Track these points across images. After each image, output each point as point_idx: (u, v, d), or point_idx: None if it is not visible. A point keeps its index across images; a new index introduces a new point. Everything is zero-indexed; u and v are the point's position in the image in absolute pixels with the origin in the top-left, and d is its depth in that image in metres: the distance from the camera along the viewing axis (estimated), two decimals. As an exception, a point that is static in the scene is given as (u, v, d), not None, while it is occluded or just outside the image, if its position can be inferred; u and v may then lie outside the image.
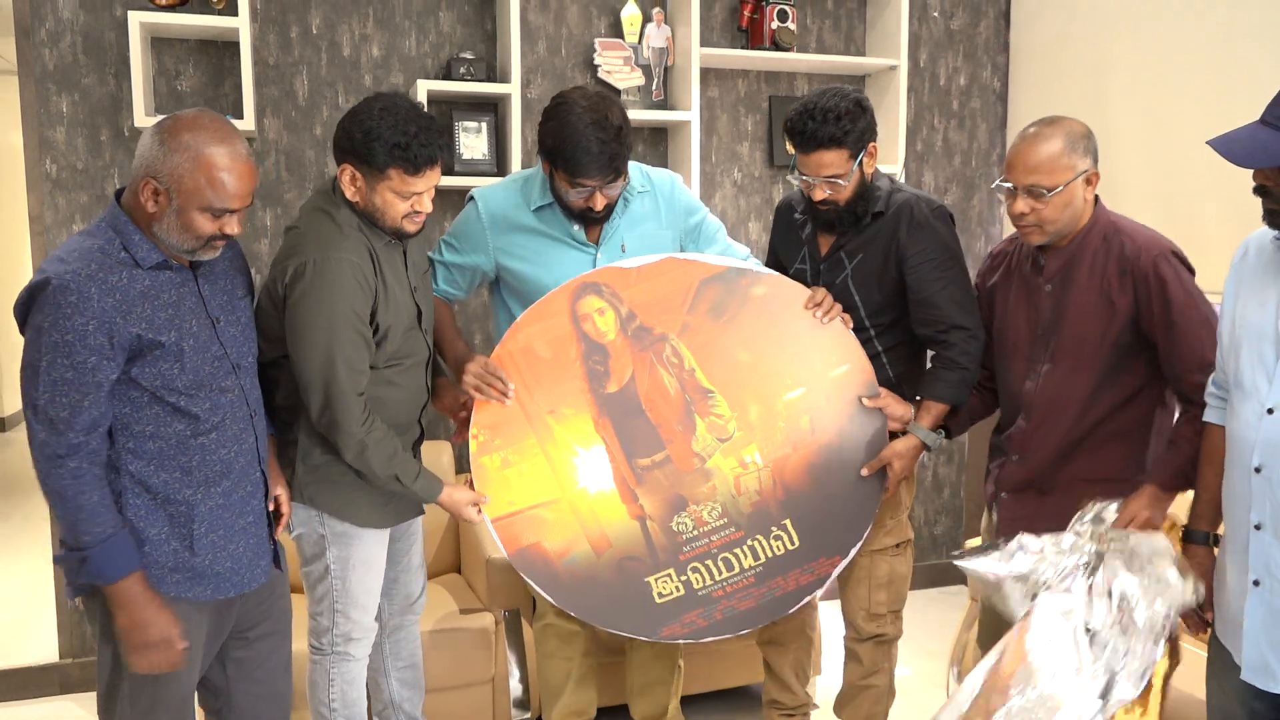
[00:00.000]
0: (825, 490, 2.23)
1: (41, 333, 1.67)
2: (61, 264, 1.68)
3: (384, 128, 1.96)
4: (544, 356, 2.18)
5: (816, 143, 2.17)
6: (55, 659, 3.23)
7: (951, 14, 4.00)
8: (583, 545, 2.20)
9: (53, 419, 1.67)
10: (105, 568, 1.72)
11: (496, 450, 2.19)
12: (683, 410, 2.20)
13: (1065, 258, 2.11)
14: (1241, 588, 1.65)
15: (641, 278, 2.19)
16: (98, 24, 3.07)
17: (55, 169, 3.09)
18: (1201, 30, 3.21)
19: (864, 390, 2.23)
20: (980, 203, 4.12)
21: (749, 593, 2.23)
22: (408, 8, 3.36)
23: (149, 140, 1.72)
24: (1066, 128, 2.05)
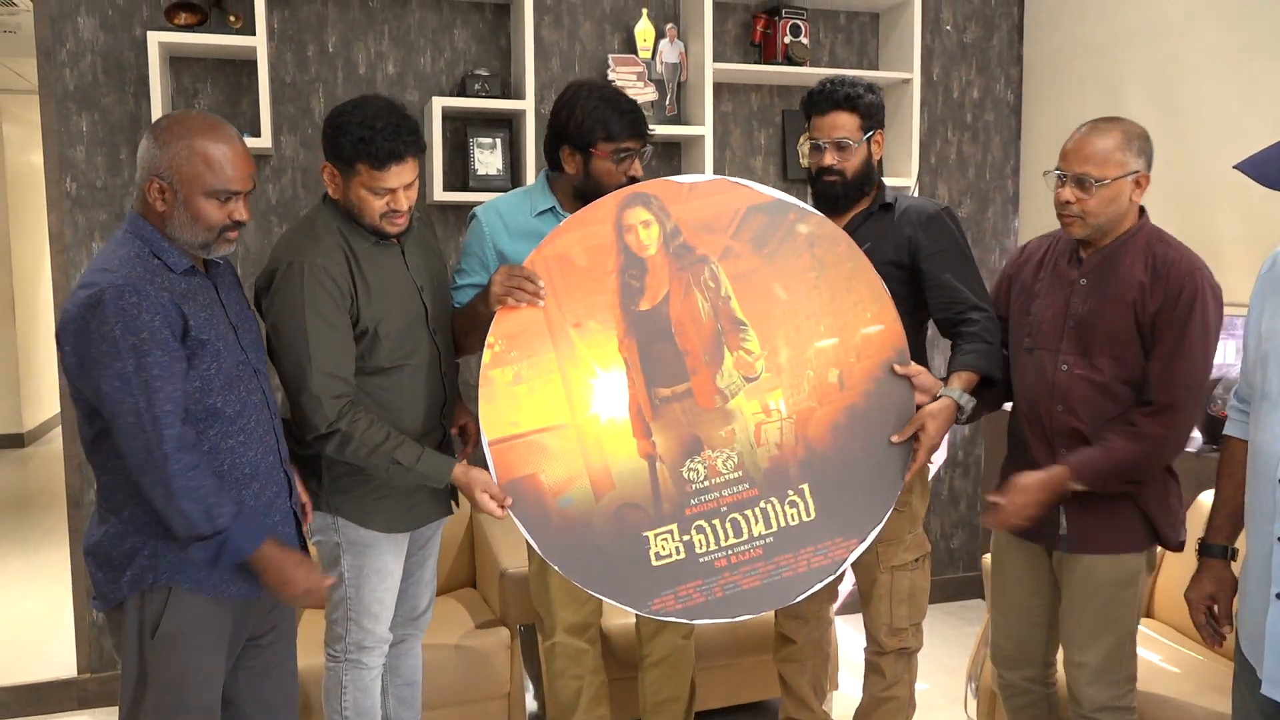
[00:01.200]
0: (848, 456, 2.10)
1: (117, 340, 1.68)
2: (109, 273, 1.72)
3: (352, 123, 2.00)
4: (579, 265, 2.07)
5: (832, 103, 2.27)
6: (74, 674, 3.24)
7: (964, 27, 4.01)
8: (583, 483, 2.03)
9: (157, 418, 1.70)
10: (245, 542, 1.80)
11: (511, 363, 2.03)
12: (712, 339, 2.09)
13: (1105, 255, 2.09)
14: (1263, 601, 1.64)
15: (693, 195, 2.10)
16: (117, 44, 3.11)
17: (75, 187, 3.12)
18: (1216, 43, 3.20)
19: (894, 355, 2.12)
20: (995, 215, 4.11)
21: (755, 567, 2.06)
22: (423, 25, 3.38)
23: (145, 144, 1.79)
24: (1125, 126, 2.05)
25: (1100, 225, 2.06)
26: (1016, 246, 4.12)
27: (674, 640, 2.46)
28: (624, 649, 2.77)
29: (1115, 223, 2.07)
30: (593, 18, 3.55)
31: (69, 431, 3.18)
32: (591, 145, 2.16)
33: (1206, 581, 1.93)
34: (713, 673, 2.93)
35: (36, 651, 3.59)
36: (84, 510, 3.18)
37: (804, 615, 2.52)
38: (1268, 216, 3.05)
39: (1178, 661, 2.53)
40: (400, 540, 2.23)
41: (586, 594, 2.34)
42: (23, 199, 7.73)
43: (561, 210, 2.27)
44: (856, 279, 2.13)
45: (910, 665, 2.47)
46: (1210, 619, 1.93)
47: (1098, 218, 2.05)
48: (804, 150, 2.36)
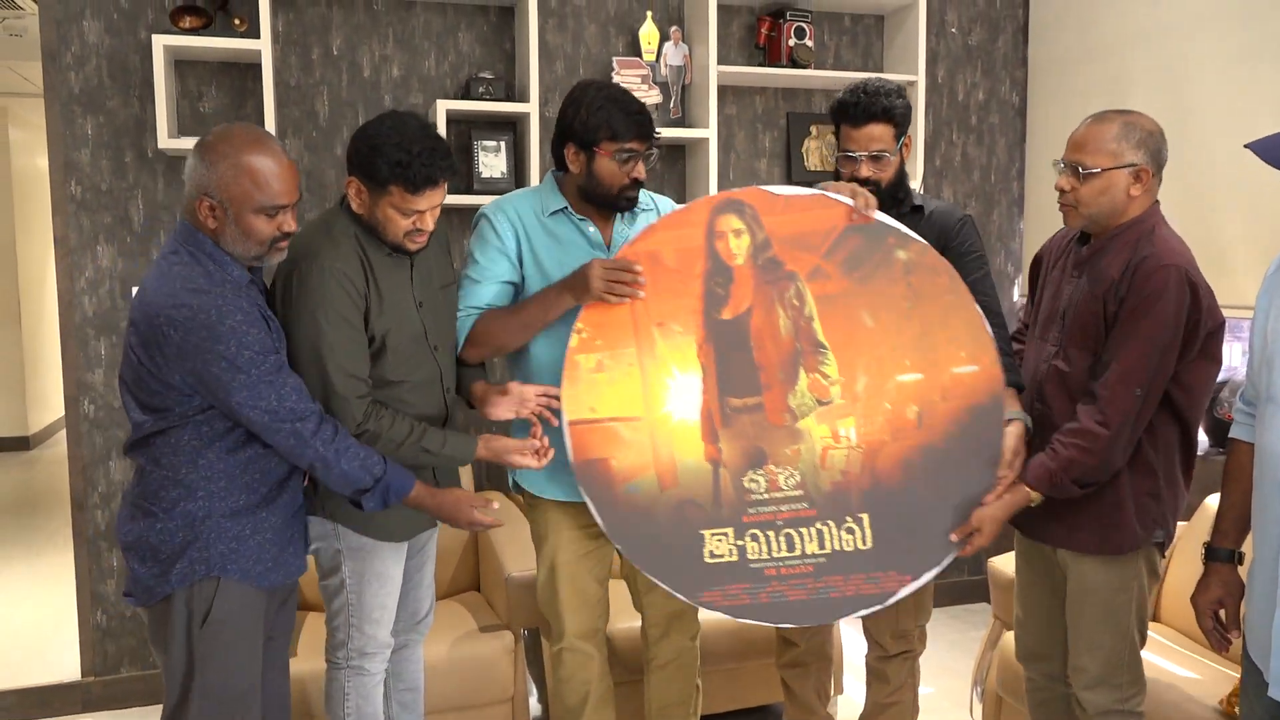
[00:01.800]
0: (916, 496, 2.04)
1: (235, 359, 1.80)
2: (204, 295, 1.80)
3: (389, 145, 1.99)
4: (668, 265, 2.07)
5: (869, 115, 2.23)
6: (78, 677, 3.24)
7: (969, 30, 4.00)
8: (649, 474, 2.08)
9: (292, 408, 1.87)
10: (402, 483, 2.01)
11: (595, 351, 2.09)
12: (789, 358, 2.05)
13: (1097, 249, 2.07)
14: (1270, 604, 1.63)
15: (789, 208, 2.04)
16: (122, 48, 3.12)
17: (80, 191, 3.13)
18: (1222, 46, 3.19)
19: (987, 401, 2.01)
20: (1000, 217, 4.10)
21: (803, 583, 2.07)
22: (427, 29, 3.39)
23: (193, 162, 1.84)
24: (1129, 118, 2.01)
25: (1094, 215, 2.03)
26: (1021, 250, 4.11)
27: (681, 642, 2.45)
28: (628, 654, 2.76)
29: (1111, 215, 2.03)
30: (597, 20, 3.55)
31: (74, 434, 3.18)
32: (595, 144, 2.14)
33: (1213, 586, 1.91)
34: (716, 676, 2.92)
35: (40, 654, 3.59)
36: (88, 513, 3.18)
37: None
38: (1274, 218, 3.04)
39: (1185, 666, 2.52)
40: (399, 545, 2.23)
41: (595, 599, 2.36)
42: (28, 202, 7.75)
43: (573, 211, 2.25)
44: (954, 314, 2.02)
45: (914, 670, 2.46)
46: (1217, 624, 1.91)
47: (1089, 207, 2.02)
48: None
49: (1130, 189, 2.00)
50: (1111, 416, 1.96)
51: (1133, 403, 1.96)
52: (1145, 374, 1.95)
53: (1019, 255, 4.11)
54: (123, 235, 3.16)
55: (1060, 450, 2.00)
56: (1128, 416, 1.96)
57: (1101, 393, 1.97)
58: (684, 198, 3.64)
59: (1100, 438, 1.96)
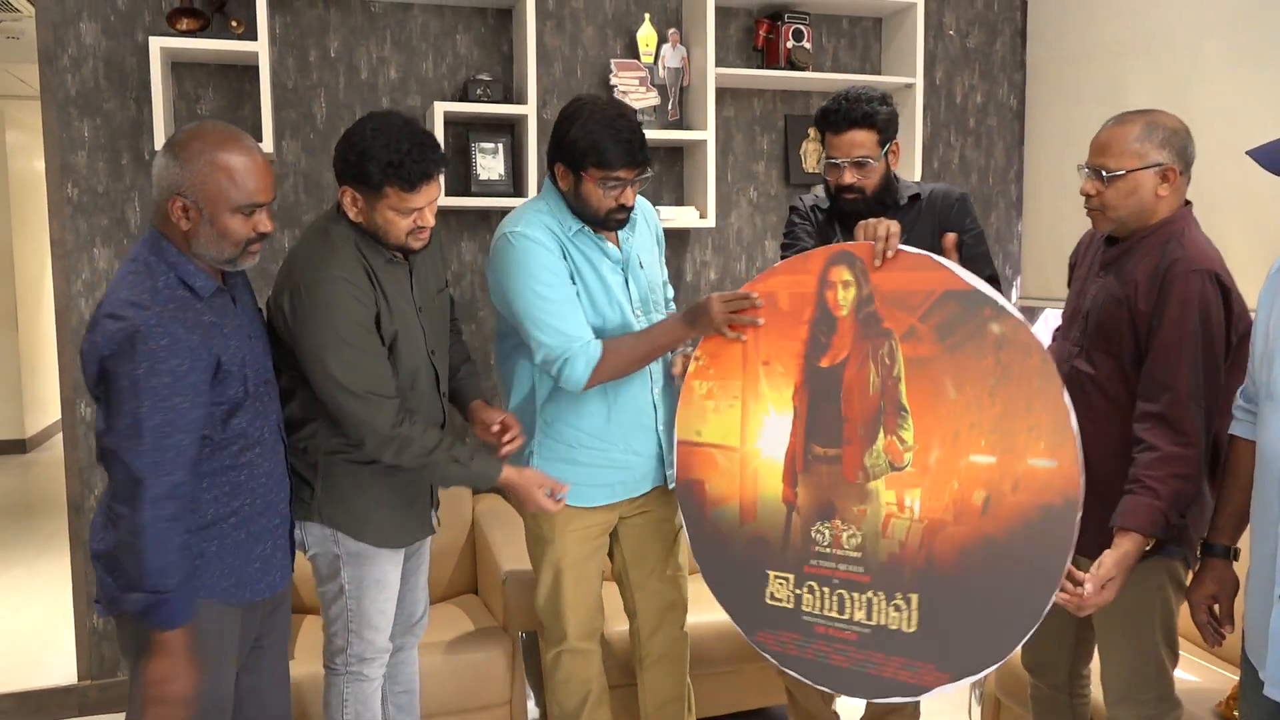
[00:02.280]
0: (968, 588, 1.91)
1: (138, 381, 1.67)
2: (141, 309, 1.70)
3: (377, 147, 1.97)
4: (782, 308, 2.09)
5: (849, 121, 2.24)
6: (74, 681, 3.23)
7: (967, 32, 4.00)
8: (734, 504, 2.15)
9: (159, 464, 1.69)
10: (179, 612, 1.74)
11: (709, 379, 2.18)
12: (873, 415, 2.01)
13: (1123, 251, 2.03)
14: (1266, 602, 1.63)
15: (894, 265, 1.99)
16: (119, 50, 3.11)
17: (76, 193, 3.12)
18: (1221, 50, 3.19)
19: (1060, 502, 1.81)
20: (998, 220, 4.10)
21: (846, 649, 2.05)
22: (425, 31, 3.38)
23: (163, 161, 1.76)
24: (1152, 117, 1.98)
25: (1122, 219, 2.00)
26: (1020, 252, 4.11)
27: (673, 633, 2.47)
28: (623, 656, 2.76)
29: (1140, 216, 1.99)
30: (595, 23, 3.54)
31: (70, 438, 3.17)
32: (583, 169, 2.13)
33: (1208, 581, 1.91)
34: (715, 679, 2.92)
35: (37, 658, 3.58)
36: (85, 517, 3.18)
37: None
38: (1274, 222, 3.04)
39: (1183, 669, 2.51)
40: (397, 551, 2.22)
41: (597, 597, 2.39)
42: (25, 205, 7.74)
43: (589, 231, 2.22)
44: (1040, 401, 1.85)
45: (915, 672, 2.46)
46: (1211, 618, 1.91)
47: (1117, 210, 1.99)
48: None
49: (1158, 189, 1.97)
50: (1193, 436, 1.89)
51: (1202, 416, 1.90)
52: (1205, 386, 1.90)
53: (1017, 257, 4.11)
54: (119, 238, 3.15)
55: (1162, 488, 1.87)
56: (1202, 432, 1.91)
57: (1168, 413, 1.89)
58: (682, 200, 3.64)
59: (1191, 459, 1.89)
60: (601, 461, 2.28)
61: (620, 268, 2.27)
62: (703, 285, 3.73)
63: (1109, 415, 2.03)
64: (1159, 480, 1.88)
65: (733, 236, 3.77)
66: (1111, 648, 2.08)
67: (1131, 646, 2.04)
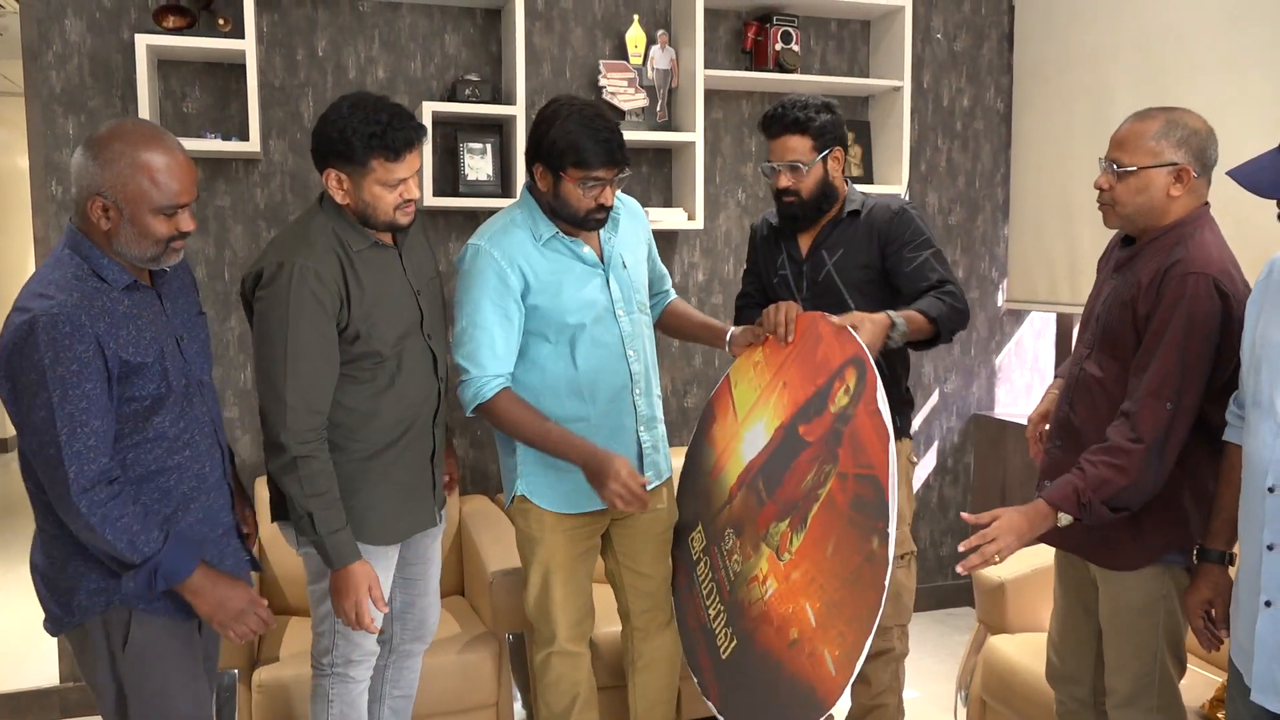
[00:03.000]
0: (751, 678, 2.12)
1: (45, 371, 1.63)
2: (44, 299, 1.66)
3: (356, 121, 1.99)
4: (814, 355, 2.20)
5: (781, 126, 2.36)
6: (55, 683, 3.21)
7: (955, 36, 4.02)
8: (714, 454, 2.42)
9: (79, 452, 1.65)
10: (177, 567, 1.74)
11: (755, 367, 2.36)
12: (791, 503, 2.12)
13: (1134, 253, 2.01)
14: (1253, 609, 1.64)
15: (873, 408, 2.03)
16: (104, 47, 3.09)
17: (61, 191, 3.10)
18: (1206, 54, 3.21)
19: (818, 696, 1.93)
20: (984, 223, 4.12)
21: (698, 622, 2.36)
22: (413, 30, 3.37)
23: (81, 160, 1.71)
24: (1174, 116, 1.95)
25: (1130, 215, 1.98)
26: (1005, 255, 4.13)
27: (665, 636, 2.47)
28: (611, 658, 2.76)
29: (1149, 215, 1.96)
30: (584, 24, 3.54)
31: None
32: (562, 169, 2.14)
33: (1203, 586, 1.91)
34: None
35: (18, 661, 3.55)
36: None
37: None
38: (1257, 226, 3.06)
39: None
40: (390, 553, 2.21)
41: (587, 598, 2.39)
42: (8, 202, 7.67)
43: (564, 235, 2.23)
44: (860, 623, 1.88)
45: (897, 673, 2.47)
46: (1207, 623, 1.91)
47: (1125, 207, 1.97)
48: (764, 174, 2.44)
49: (1170, 189, 1.94)
50: (1144, 432, 1.86)
51: (1165, 416, 1.85)
52: (1174, 386, 1.85)
53: (1003, 261, 4.13)
54: (104, 236, 3.13)
55: (1089, 469, 1.89)
56: (1160, 432, 1.85)
57: (1131, 409, 1.88)
58: (671, 202, 3.64)
59: (1133, 454, 1.86)
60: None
61: (600, 269, 2.27)
62: (691, 286, 3.74)
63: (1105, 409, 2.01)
64: (1091, 464, 1.90)
65: (720, 238, 3.77)
66: (1116, 653, 2.07)
67: (1135, 653, 2.03)
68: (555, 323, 2.22)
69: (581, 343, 2.24)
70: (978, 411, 4.15)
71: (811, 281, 2.44)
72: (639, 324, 2.33)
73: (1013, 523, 1.90)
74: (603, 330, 2.25)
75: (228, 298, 3.24)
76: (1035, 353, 4.24)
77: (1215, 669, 2.51)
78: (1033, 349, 4.24)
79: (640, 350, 2.32)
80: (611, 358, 2.27)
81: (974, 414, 4.15)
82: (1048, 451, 2.17)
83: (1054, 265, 3.84)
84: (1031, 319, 4.21)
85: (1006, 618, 2.76)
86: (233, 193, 3.24)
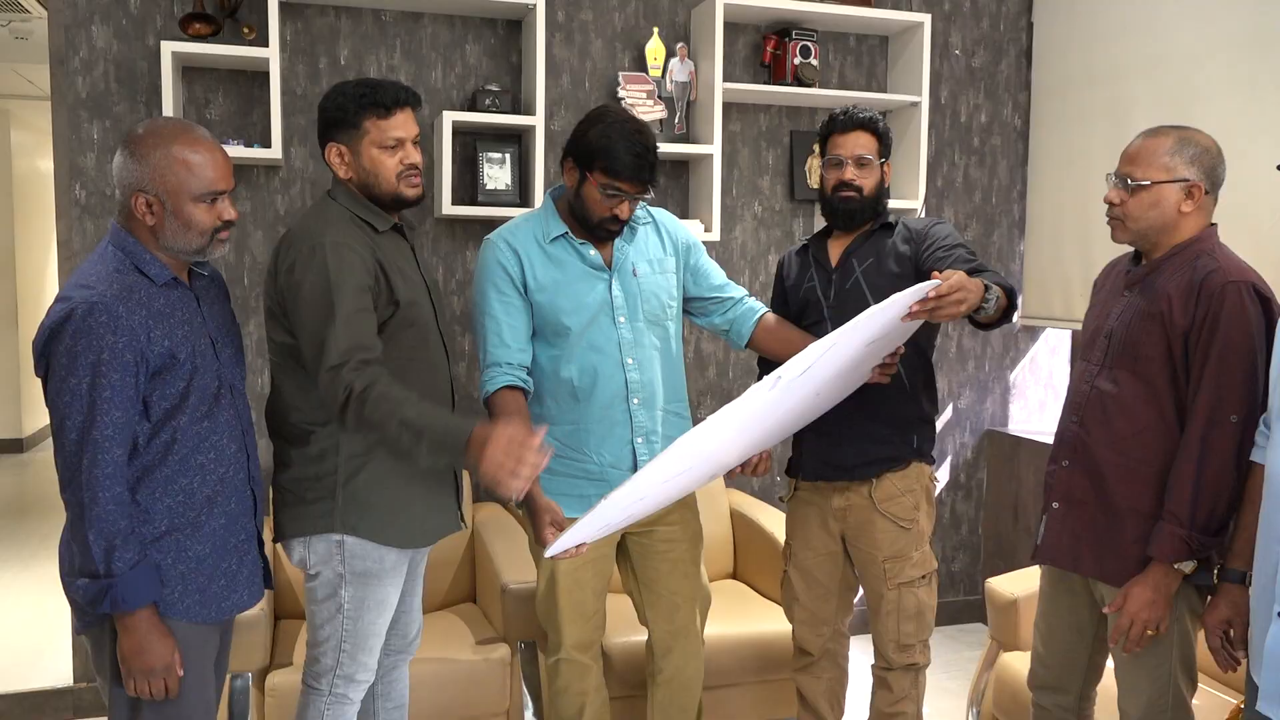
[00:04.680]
0: None
1: (77, 356, 1.67)
2: (85, 289, 1.70)
3: (348, 89, 2.07)
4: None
5: (856, 123, 2.39)
6: (69, 682, 3.23)
7: (973, 52, 4.02)
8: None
9: (97, 441, 1.67)
10: (129, 595, 1.70)
11: None
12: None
13: (1151, 268, 2.02)
14: (1268, 619, 1.64)
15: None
16: (130, 53, 3.12)
17: (85, 195, 3.13)
18: (1225, 73, 3.21)
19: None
20: (1000, 239, 4.11)
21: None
22: (434, 40, 3.40)
23: (121, 160, 1.77)
24: (1185, 134, 1.98)
25: (1141, 230, 1.99)
26: (1021, 271, 4.13)
27: (686, 658, 2.45)
28: (624, 669, 2.76)
29: (1160, 230, 1.98)
30: (604, 35, 3.56)
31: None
32: (590, 170, 2.18)
33: (1223, 606, 1.89)
34: (723, 693, 2.91)
35: (33, 659, 3.57)
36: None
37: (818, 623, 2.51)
38: (1275, 245, 3.06)
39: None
40: (402, 570, 2.18)
41: (593, 611, 2.37)
42: (29, 205, 7.74)
43: (573, 236, 2.26)
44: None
45: (918, 682, 2.47)
46: (1225, 643, 1.90)
47: (1137, 222, 1.98)
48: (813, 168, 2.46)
49: (1181, 205, 1.96)
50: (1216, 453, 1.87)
51: (1232, 431, 1.87)
52: (1235, 399, 1.86)
53: (1019, 277, 4.13)
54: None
55: (1180, 510, 1.89)
56: (1232, 449, 1.87)
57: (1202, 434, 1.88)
58: (687, 213, 3.65)
59: (1212, 478, 1.88)
60: (575, 471, 2.27)
61: (605, 273, 2.28)
62: (706, 298, 3.74)
63: (1134, 438, 2.00)
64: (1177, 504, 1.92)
65: (736, 250, 3.78)
66: (1129, 676, 2.06)
67: (1149, 676, 2.02)
68: (552, 322, 2.25)
69: (576, 345, 2.25)
70: (991, 427, 4.14)
71: (839, 289, 2.40)
72: (644, 333, 2.30)
73: (1143, 597, 1.94)
74: (599, 335, 2.26)
75: (246, 303, 3.26)
76: (1050, 369, 4.23)
77: (1230, 690, 2.50)
78: (1047, 365, 4.23)
79: (642, 360, 2.29)
80: (607, 364, 2.26)
81: (988, 430, 4.15)
82: (1056, 470, 2.15)
83: (1069, 282, 3.83)
84: (1046, 335, 4.20)
85: (1019, 635, 2.75)
86: (254, 199, 3.27)
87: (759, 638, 2.95)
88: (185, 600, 1.81)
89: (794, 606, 2.54)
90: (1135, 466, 2.00)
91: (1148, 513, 1.98)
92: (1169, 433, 1.97)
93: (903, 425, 2.40)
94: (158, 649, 1.74)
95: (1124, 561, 2.01)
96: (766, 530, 3.25)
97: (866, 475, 2.38)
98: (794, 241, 3.82)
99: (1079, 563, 2.09)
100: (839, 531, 2.45)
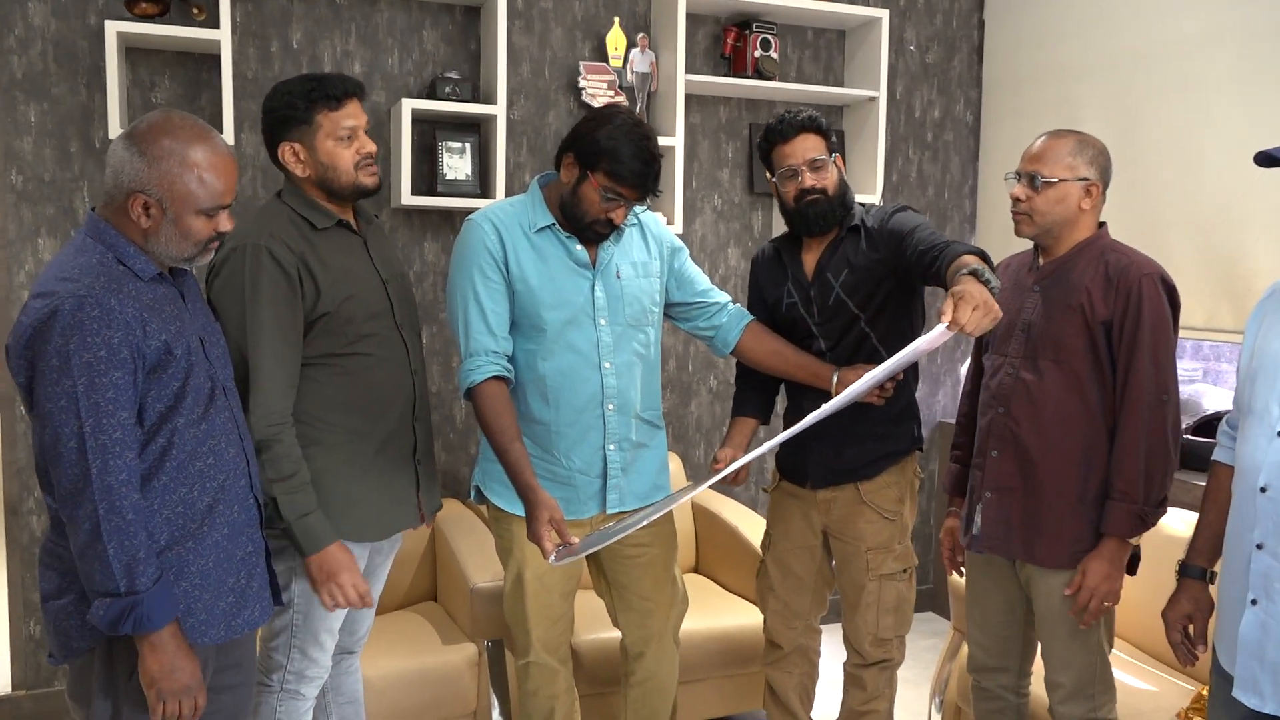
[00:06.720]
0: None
1: (69, 356, 1.53)
2: (69, 282, 1.57)
3: (293, 85, 2.05)
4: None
5: (797, 127, 2.29)
6: (8, 691, 3.08)
7: (927, 48, 4.06)
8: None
9: (106, 446, 1.55)
10: (156, 613, 1.58)
11: None
12: None
13: (1059, 264, 2.14)
14: (1240, 608, 1.69)
15: None
16: (70, 32, 2.98)
17: (21, 180, 2.98)
18: (1172, 74, 3.29)
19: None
20: (952, 233, 4.17)
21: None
22: (391, 25, 3.31)
23: (125, 154, 1.63)
24: (1082, 137, 2.13)
25: (1046, 226, 2.11)
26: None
27: (659, 661, 2.43)
28: (594, 666, 2.74)
29: (1063, 227, 2.12)
30: (564, 24, 3.51)
31: (8, 436, 3.03)
32: (593, 169, 2.12)
33: (1184, 601, 1.97)
34: (694, 687, 2.91)
35: (-36, 667, 3.41)
36: (21, 519, 3.03)
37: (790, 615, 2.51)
38: (1221, 242, 3.15)
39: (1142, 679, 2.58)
40: (361, 553, 2.13)
41: (560, 614, 2.34)
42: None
43: (560, 229, 2.21)
44: None
45: (891, 680, 2.50)
46: (1185, 638, 1.97)
47: (1044, 217, 2.10)
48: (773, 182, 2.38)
49: (1081, 202, 2.10)
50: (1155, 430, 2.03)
51: (1166, 410, 2.04)
52: (1164, 382, 2.04)
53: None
54: (66, 228, 3.02)
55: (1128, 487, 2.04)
56: (1168, 425, 2.04)
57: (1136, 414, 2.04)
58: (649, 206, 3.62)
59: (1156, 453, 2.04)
60: (542, 472, 2.19)
61: (588, 272, 2.23)
62: (665, 291, 3.73)
63: (1059, 425, 2.11)
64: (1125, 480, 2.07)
65: (697, 243, 3.76)
66: (1062, 653, 2.16)
67: (1081, 650, 2.15)
68: (530, 315, 2.19)
69: (554, 344, 2.19)
70: (943, 419, 4.21)
71: (822, 306, 2.35)
72: (624, 337, 2.25)
73: (1101, 572, 2.07)
74: (578, 334, 2.21)
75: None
76: (998, 362, 4.31)
77: (1189, 678, 2.57)
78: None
79: (620, 365, 2.24)
80: (583, 365, 2.21)
81: (939, 421, 4.21)
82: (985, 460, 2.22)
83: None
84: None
85: (982, 625, 2.80)
86: (202, 186, 3.14)
87: (724, 632, 2.95)
88: (189, 620, 1.68)
89: (768, 597, 2.53)
90: (1061, 452, 2.12)
91: (1072, 494, 2.11)
92: (1091, 418, 2.09)
93: (899, 418, 2.41)
94: (187, 666, 1.64)
95: (1052, 542, 2.13)
96: (729, 524, 3.25)
97: (873, 474, 2.38)
98: (753, 235, 3.83)
99: (1011, 548, 2.19)
100: (821, 525, 2.45)
